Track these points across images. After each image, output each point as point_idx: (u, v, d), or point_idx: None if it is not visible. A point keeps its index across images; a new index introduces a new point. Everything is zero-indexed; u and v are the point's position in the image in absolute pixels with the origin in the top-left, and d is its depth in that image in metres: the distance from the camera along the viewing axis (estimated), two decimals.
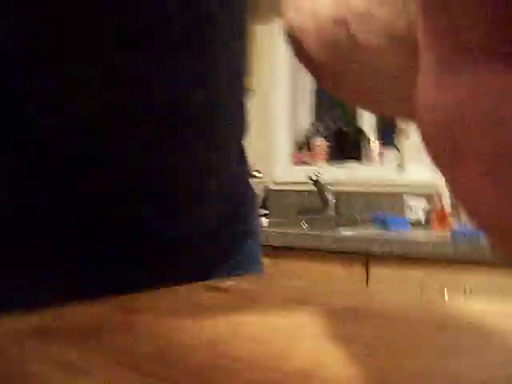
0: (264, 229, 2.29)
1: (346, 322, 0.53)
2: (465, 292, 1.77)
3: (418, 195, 2.57)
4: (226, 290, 0.68)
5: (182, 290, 0.69)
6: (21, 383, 0.36)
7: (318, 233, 2.06)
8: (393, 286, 1.85)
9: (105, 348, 0.43)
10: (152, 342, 0.45)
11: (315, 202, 2.86)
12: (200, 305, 0.60)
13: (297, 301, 0.62)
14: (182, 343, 0.45)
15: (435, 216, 2.28)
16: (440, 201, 2.25)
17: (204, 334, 0.48)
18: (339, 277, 1.98)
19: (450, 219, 2.23)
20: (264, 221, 2.76)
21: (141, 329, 0.49)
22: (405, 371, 0.38)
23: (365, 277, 1.96)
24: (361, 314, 0.56)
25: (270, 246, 2.11)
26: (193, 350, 0.43)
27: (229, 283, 0.73)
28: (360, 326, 0.51)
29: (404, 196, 2.61)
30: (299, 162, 3.05)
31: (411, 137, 2.67)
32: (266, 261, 2.23)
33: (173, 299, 0.63)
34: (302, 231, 2.12)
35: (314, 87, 3.14)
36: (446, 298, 1.36)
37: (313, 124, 3.15)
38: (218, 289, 0.69)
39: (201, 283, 0.72)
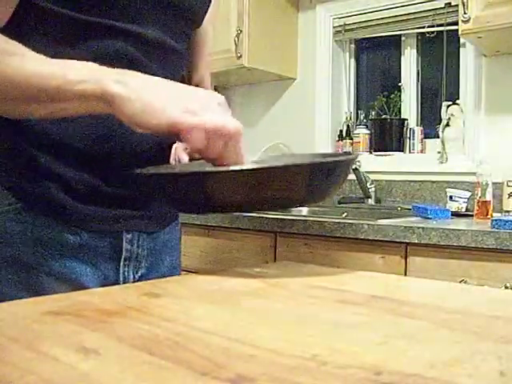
0: (303, 217, 2.29)
1: (366, 310, 0.53)
2: (506, 285, 1.73)
3: (460, 184, 2.53)
4: (253, 276, 0.68)
5: (210, 275, 0.70)
6: (34, 362, 0.37)
7: (357, 222, 2.04)
8: (431, 276, 1.82)
9: (119, 331, 0.44)
10: (168, 326, 0.46)
11: (356, 192, 2.84)
12: (224, 290, 0.60)
13: (321, 288, 0.62)
14: (199, 328, 0.45)
15: (477, 205, 2.24)
16: (482, 190, 2.20)
17: (222, 319, 0.48)
18: (378, 266, 1.96)
19: (492, 208, 2.19)
20: (303, 209, 2.76)
21: (158, 313, 0.50)
22: (420, 360, 0.38)
23: (403, 266, 1.94)
24: (383, 303, 0.55)
25: (309, 234, 2.10)
26: (209, 335, 0.43)
27: (257, 269, 0.73)
28: (380, 314, 0.51)
29: (445, 185, 2.57)
30: (340, 150, 3.02)
31: (453, 126, 2.62)
32: (303, 249, 2.22)
33: (195, 285, 0.64)
34: (341, 220, 2.10)
35: (355, 76, 3.11)
36: (485, 287, 1.34)
37: (352, 112, 3.12)
38: (246, 275, 0.69)
39: (230, 269, 0.72)
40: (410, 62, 2.91)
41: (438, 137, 2.66)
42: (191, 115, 0.67)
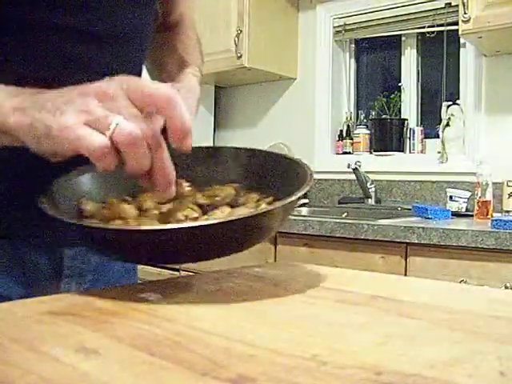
0: (303, 217, 2.29)
1: (366, 310, 0.53)
2: (506, 285, 1.74)
3: (460, 184, 2.53)
4: (254, 276, 0.68)
5: (210, 275, 0.70)
6: (34, 362, 0.37)
7: (357, 222, 2.04)
8: (431, 276, 1.82)
9: (119, 331, 0.44)
10: (168, 326, 0.46)
11: (356, 192, 2.84)
12: (224, 290, 0.60)
13: (321, 288, 0.62)
14: (199, 328, 0.45)
15: (477, 205, 2.24)
16: (482, 190, 2.20)
17: (222, 319, 0.48)
18: (378, 266, 1.96)
19: (492, 208, 2.19)
20: (304, 209, 2.76)
21: (158, 313, 0.50)
22: (420, 360, 0.38)
23: (403, 266, 1.94)
24: (383, 303, 0.55)
25: (309, 234, 2.10)
26: (209, 335, 0.43)
27: (257, 269, 0.73)
28: (380, 314, 0.51)
29: (445, 185, 2.57)
30: (340, 150, 3.02)
31: (453, 126, 2.62)
32: (303, 249, 2.22)
33: (195, 285, 0.64)
34: (341, 220, 2.10)
35: (355, 76, 3.11)
36: (485, 287, 1.34)
37: (352, 112, 3.12)
38: (246, 275, 0.69)
39: (230, 269, 0.72)
40: (410, 62, 2.91)
41: (438, 137, 2.66)
42: (94, 131, 0.54)
